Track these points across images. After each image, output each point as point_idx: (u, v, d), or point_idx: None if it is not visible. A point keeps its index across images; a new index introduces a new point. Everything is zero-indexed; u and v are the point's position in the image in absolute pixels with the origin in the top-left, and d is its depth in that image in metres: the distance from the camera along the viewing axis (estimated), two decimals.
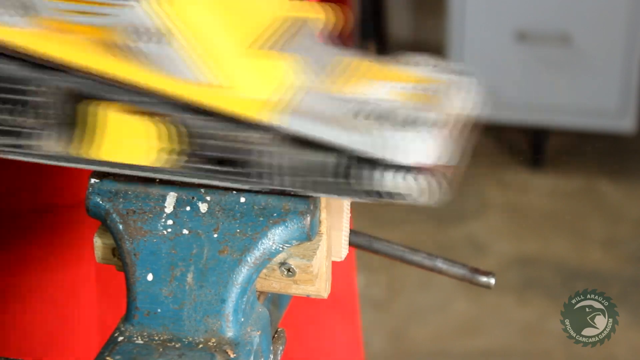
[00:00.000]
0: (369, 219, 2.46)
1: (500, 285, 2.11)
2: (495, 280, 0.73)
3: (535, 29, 2.68)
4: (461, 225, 2.57)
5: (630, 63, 2.65)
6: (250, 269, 0.59)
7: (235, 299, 0.59)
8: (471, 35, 2.71)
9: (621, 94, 2.68)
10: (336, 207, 0.64)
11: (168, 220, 0.60)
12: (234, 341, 0.59)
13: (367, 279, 2.34)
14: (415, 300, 2.33)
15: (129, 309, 0.60)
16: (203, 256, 0.59)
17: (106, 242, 0.63)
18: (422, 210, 2.57)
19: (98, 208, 0.61)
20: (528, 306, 2.29)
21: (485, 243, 2.50)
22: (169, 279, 0.59)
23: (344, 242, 0.65)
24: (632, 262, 2.43)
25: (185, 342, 0.59)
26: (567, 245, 2.49)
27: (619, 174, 2.78)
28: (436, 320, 2.27)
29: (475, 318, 2.27)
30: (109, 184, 0.61)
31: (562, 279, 2.37)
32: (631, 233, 2.54)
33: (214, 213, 0.60)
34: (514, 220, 2.59)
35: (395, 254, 0.75)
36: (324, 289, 0.62)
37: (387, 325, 2.26)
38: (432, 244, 2.47)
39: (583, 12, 2.64)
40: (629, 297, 2.28)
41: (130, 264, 0.60)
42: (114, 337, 0.59)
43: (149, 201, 0.61)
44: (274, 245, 0.59)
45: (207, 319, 0.59)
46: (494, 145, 2.89)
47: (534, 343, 2.20)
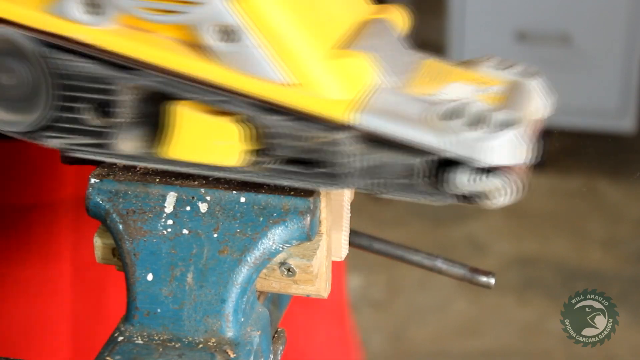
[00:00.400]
0: (369, 219, 2.46)
1: (500, 285, 2.11)
2: (495, 280, 0.73)
3: (535, 29, 2.68)
4: (461, 225, 2.57)
5: (630, 63, 2.65)
6: (250, 269, 0.59)
7: (235, 299, 0.59)
8: (471, 35, 2.71)
9: (621, 94, 2.68)
10: (336, 207, 0.64)
11: (168, 220, 0.60)
12: (234, 341, 0.59)
13: (367, 279, 2.34)
14: (415, 301, 2.33)
15: (129, 309, 0.60)
16: (203, 256, 0.59)
17: (106, 242, 0.63)
18: (422, 210, 2.57)
19: (98, 208, 0.61)
20: (528, 306, 2.29)
21: (485, 243, 2.51)
22: (169, 279, 0.59)
23: (344, 242, 0.65)
24: (632, 262, 2.43)
25: (185, 342, 0.59)
26: (567, 245, 2.49)
27: (619, 174, 2.78)
28: (436, 320, 2.27)
29: (475, 318, 2.27)
30: (109, 184, 0.61)
31: (562, 279, 2.37)
32: (631, 233, 2.55)
33: (214, 213, 0.60)
34: (514, 220, 2.59)
35: (395, 254, 0.75)
36: (324, 289, 0.62)
37: (386, 325, 2.26)
38: (432, 244, 2.47)
39: (583, 12, 2.64)
40: (629, 297, 2.28)
41: (130, 264, 0.60)
42: (114, 337, 0.59)
43: (149, 201, 0.61)
44: (274, 245, 0.59)
45: (207, 319, 0.59)
46: None
47: (534, 343, 2.20)
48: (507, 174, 0.56)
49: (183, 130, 0.59)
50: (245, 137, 0.58)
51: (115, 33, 0.58)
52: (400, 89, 0.59)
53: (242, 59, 0.57)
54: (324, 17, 0.60)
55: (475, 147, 0.55)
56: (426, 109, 0.57)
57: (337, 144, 0.57)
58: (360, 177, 0.58)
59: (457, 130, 0.55)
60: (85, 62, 0.59)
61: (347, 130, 0.57)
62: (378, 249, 0.74)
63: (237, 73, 0.57)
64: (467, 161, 0.55)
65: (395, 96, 0.58)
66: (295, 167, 0.58)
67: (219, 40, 0.57)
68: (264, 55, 0.57)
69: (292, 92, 0.57)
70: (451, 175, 0.56)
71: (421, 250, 0.74)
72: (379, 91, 0.58)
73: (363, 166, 0.57)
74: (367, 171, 0.57)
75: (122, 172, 0.62)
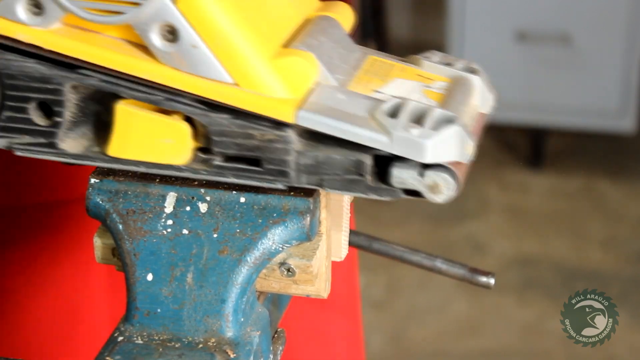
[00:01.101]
0: (369, 219, 2.46)
1: (500, 285, 2.11)
2: (495, 280, 0.73)
3: (535, 29, 2.68)
4: (461, 225, 2.56)
5: (630, 63, 2.65)
6: (250, 269, 0.59)
7: (235, 299, 0.59)
8: (471, 35, 2.71)
9: (621, 94, 2.68)
10: (336, 207, 0.64)
11: (168, 220, 0.60)
12: (234, 341, 0.59)
13: (367, 279, 2.34)
14: (414, 301, 2.33)
15: (129, 309, 0.60)
16: (203, 256, 0.59)
17: (106, 242, 0.63)
18: (422, 210, 2.57)
19: (98, 208, 0.61)
20: (528, 306, 2.29)
21: (485, 243, 2.50)
22: (169, 279, 0.59)
23: (344, 242, 0.65)
24: (632, 262, 2.43)
25: (185, 342, 0.59)
26: (567, 245, 2.49)
27: (619, 174, 2.78)
28: (436, 320, 2.27)
29: (475, 318, 2.27)
30: (109, 184, 0.61)
31: (562, 279, 2.37)
32: (631, 233, 2.54)
33: (213, 213, 0.60)
34: (514, 220, 2.59)
35: (395, 254, 0.75)
36: (324, 289, 0.62)
37: (386, 325, 2.26)
38: (432, 244, 2.47)
39: (583, 12, 2.64)
40: (629, 297, 2.28)
41: (130, 264, 0.60)
42: (113, 337, 0.59)
43: (149, 201, 0.61)
44: (273, 245, 0.59)
45: (207, 319, 0.59)
46: (494, 145, 2.89)
47: (534, 343, 2.20)
48: (447, 170, 0.56)
49: (126, 128, 0.59)
50: (191, 135, 0.58)
51: (58, 33, 0.58)
52: (344, 86, 0.60)
53: (183, 58, 0.57)
54: (268, 14, 0.60)
55: (416, 144, 0.56)
56: (367, 106, 0.58)
57: (279, 141, 0.57)
58: (306, 174, 0.58)
59: (396, 128, 0.56)
60: (29, 62, 0.59)
61: (289, 128, 0.57)
62: (378, 249, 0.74)
63: (180, 72, 0.57)
64: (401, 158, 0.56)
65: (338, 93, 0.59)
66: (242, 164, 0.59)
67: (161, 39, 0.57)
68: (205, 55, 0.57)
69: (233, 92, 0.57)
70: (396, 171, 0.57)
71: (421, 250, 0.74)
72: (320, 89, 0.59)
73: (306, 163, 0.58)
74: (313, 168, 0.58)
75: (122, 172, 0.62)
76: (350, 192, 0.58)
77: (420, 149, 0.56)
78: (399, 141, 0.56)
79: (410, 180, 0.57)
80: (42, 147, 0.61)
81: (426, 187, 0.57)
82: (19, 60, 0.59)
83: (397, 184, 0.57)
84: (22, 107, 0.60)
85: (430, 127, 0.56)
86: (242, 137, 0.58)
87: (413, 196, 0.58)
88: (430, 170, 0.56)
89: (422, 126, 0.56)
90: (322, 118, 0.57)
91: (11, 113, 0.60)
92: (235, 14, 0.57)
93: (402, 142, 0.56)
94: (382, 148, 0.56)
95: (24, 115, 0.60)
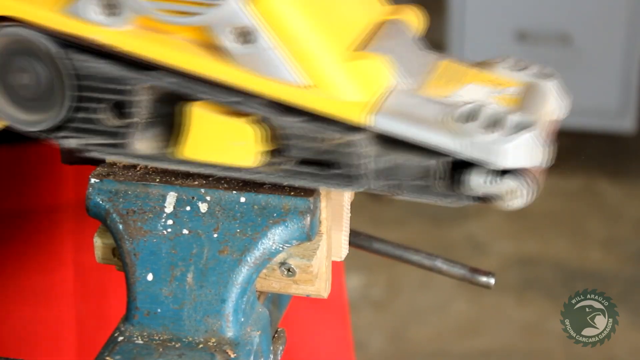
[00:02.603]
0: (369, 219, 2.45)
1: (500, 285, 2.11)
2: (495, 280, 0.73)
3: (535, 29, 2.68)
4: (461, 225, 2.56)
5: (630, 63, 2.65)
6: (250, 269, 0.59)
7: (235, 299, 0.59)
8: (471, 35, 2.71)
9: (621, 94, 2.68)
10: (336, 207, 0.64)
11: (168, 220, 0.60)
12: (234, 341, 0.59)
13: (367, 279, 2.34)
14: (415, 301, 2.33)
15: (129, 309, 0.60)
16: (203, 256, 0.59)
17: (106, 242, 0.63)
18: (422, 210, 2.57)
19: (98, 208, 0.61)
20: (528, 306, 2.29)
21: (485, 243, 2.50)
22: (169, 279, 0.59)
23: (344, 242, 0.65)
24: (632, 262, 2.43)
25: (185, 342, 0.59)
26: (567, 245, 2.49)
27: (619, 174, 2.78)
28: (436, 320, 2.27)
29: (475, 318, 2.27)
30: (109, 184, 0.61)
31: (562, 279, 2.37)
32: (631, 233, 2.54)
33: (214, 213, 0.60)
34: (514, 220, 2.59)
35: (395, 254, 0.75)
36: (324, 289, 0.62)
37: (386, 325, 2.26)
38: (432, 244, 2.47)
39: (583, 12, 2.64)
40: (629, 297, 2.28)
41: (130, 264, 0.60)
42: (114, 337, 0.59)
43: (149, 201, 0.61)
44: (274, 245, 0.59)
45: (207, 319, 0.59)
46: None
47: (534, 343, 2.19)
48: (522, 176, 0.56)
49: (198, 130, 0.59)
50: (260, 138, 0.58)
51: (131, 34, 0.58)
52: (416, 90, 0.60)
53: (257, 60, 0.57)
54: (340, 18, 0.60)
55: (490, 149, 0.55)
56: (442, 110, 0.57)
57: (352, 145, 0.57)
58: (375, 179, 0.58)
59: (473, 133, 0.55)
60: (101, 63, 0.59)
61: (363, 131, 0.57)
62: (378, 249, 0.74)
63: (253, 74, 0.57)
64: (483, 163, 0.56)
65: (411, 98, 0.58)
66: (310, 168, 0.58)
67: (235, 41, 0.57)
68: (280, 57, 0.57)
69: (307, 94, 0.57)
70: (467, 177, 0.56)
71: (421, 250, 0.74)
72: (394, 93, 0.58)
73: (378, 168, 0.57)
74: (382, 173, 0.57)
75: (122, 172, 0.62)
76: (419, 197, 0.58)
77: (501, 153, 0.55)
78: (477, 146, 0.55)
79: (487, 185, 0.56)
80: (112, 147, 0.61)
81: (503, 192, 0.56)
82: (90, 61, 0.59)
83: (471, 190, 0.56)
84: (93, 107, 0.60)
85: (507, 132, 0.56)
86: (315, 140, 0.57)
87: (481, 202, 0.57)
88: (507, 175, 0.56)
89: (499, 131, 0.56)
90: (398, 122, 0.56)
91: (82, 114, 0.60)
92: (308, 15, 0.57)
93: (481, 146, 0.55)
94: (461, 152, 0.56)
95: (95, 116, 0.60)
